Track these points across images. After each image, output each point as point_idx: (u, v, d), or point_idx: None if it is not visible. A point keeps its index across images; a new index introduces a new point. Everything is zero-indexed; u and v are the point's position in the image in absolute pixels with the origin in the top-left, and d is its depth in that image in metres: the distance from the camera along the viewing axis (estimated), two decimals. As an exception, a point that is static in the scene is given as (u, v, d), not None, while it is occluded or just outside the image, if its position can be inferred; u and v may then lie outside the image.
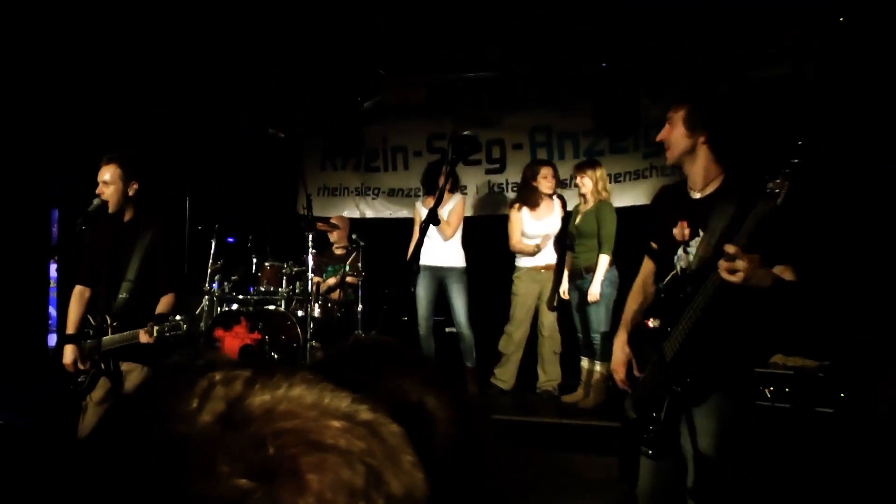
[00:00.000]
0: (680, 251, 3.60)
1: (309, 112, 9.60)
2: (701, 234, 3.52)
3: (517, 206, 7.84)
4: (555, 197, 7.72)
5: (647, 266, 3.94)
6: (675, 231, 3.62)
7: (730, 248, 3.14)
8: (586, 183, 7.33)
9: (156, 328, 4.71)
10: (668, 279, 3.63)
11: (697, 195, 3.62)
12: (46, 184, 7.79)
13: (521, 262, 7.93)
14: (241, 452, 0.63)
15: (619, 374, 3.77)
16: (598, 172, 7.36)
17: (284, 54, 8.01)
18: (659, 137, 3.70)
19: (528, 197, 7.72)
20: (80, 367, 4.92)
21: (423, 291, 8.04)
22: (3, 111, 7.18)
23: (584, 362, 7.45)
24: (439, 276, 8.05)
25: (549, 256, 7.84)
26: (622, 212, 7.63)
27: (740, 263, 3.11)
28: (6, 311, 6.05)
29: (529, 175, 7.76)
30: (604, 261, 7.16)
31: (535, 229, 7.75)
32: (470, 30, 7.64)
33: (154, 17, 6.87)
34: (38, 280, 5.03)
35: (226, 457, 0.63)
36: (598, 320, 7.18)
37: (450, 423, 1.12)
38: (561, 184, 8.32)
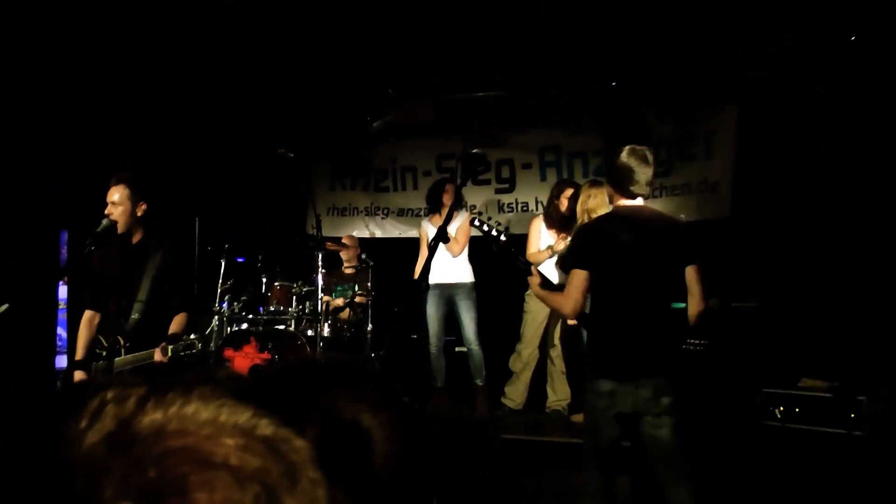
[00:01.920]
0: None
1: (318, 132, 9.62)
2: None
3: (540, 216, 7.79)
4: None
5: None
6: None
7: None
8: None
9: (170, 348, 4.69)
10: None
11: None
12: (48, 192, 7.79)
13: None
14: (126, 475, 0.62)
15: None
16: (589, 192, 7.30)
17: (293, 73, 8.03)
18: None
19: (550, 213, 7.68)
20: None
21: (433, 310, 8.01)
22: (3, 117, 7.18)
23: None
24: (449, 294, 8.02)
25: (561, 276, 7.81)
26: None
27: None
28: (13, 332, 6.05)
29: (555, 193, 7.73)
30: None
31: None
32: (478, 49, 7.65)
33: (157, 19, 6.89)
34: (47, 301, 5.04)
35: (111, 480, 0.61)
36: None
37: (388, 439, 1.10)
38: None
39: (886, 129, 6.40)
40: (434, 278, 7.81)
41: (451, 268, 7.97)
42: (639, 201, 4.22)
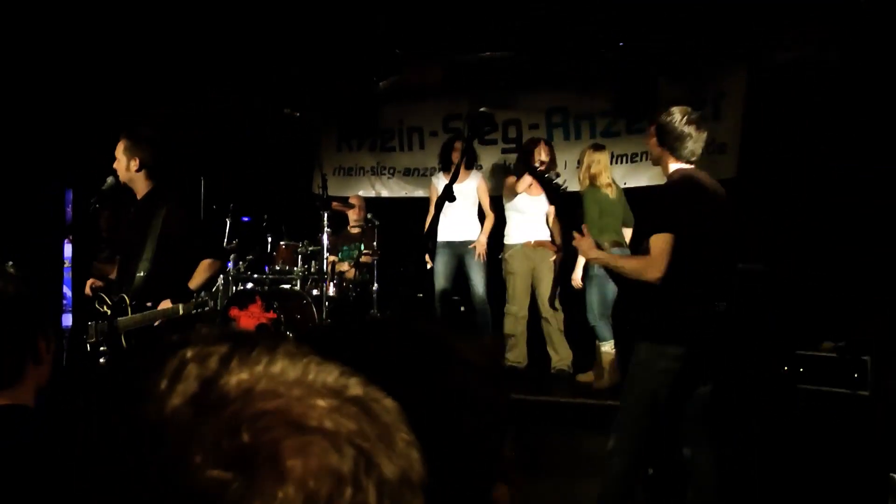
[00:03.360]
0: None
1: (325, 92, 9.57)
2: None
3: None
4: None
5: None
6: None
7: None
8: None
9: (182, 306, 4.69)
10: None
11: None
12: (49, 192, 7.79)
13: (512, 239, 7.90)
14: (215, 439, 0.57)
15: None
16: (593, 157, 7.25)
17: (300, 34, 7.97)
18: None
19: (522, 162, 7.65)
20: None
21: (441, 267, 8.01)
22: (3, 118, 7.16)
23: (601, 345, 7.35)
24: (458, 252, 8.03)
25: (539, 233, 7.81)
26: (638, 192, 7.61)
27: None
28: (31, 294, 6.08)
29: (530, 147, 7.70)
30: None
31: (526, 204, 7.74)
32: (487, 9, 7.58)
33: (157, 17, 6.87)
34: (53, 260, 5.02)
35: (199, 445, 0.57)
36: (606, 303, 7.08)
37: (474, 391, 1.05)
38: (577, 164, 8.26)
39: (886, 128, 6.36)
40: (444, 236, 7.82)
41: (461, 225, 7.98)
42: (693, 166, 4.24)
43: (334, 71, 8.99)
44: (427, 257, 7.88)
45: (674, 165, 4.21)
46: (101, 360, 4.87)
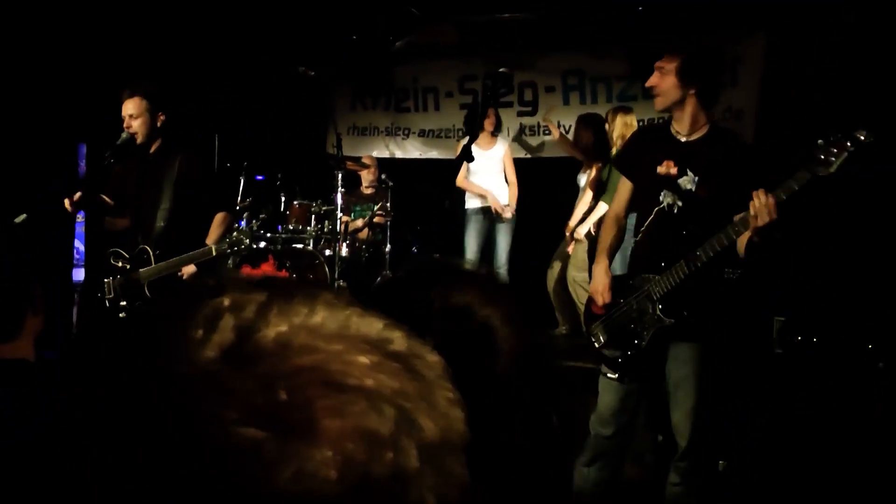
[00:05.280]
0: (665, 189, 3.79)
1: (340, 51, 9.53)
2: (689, 174, 3.73)
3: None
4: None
5: (624, 198, 4.10)
6: (661, 169, 3.80)
7: (767, 197, 3.32)
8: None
9: (214, 246, 4.67)
10: (654, 215, 3.82)
11: (684, 139, 3.80)
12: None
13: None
14: (250, 396, 0.54)
15: (606, 297, 3.90)
16: (626, 119, 7.20)
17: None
18: (648, 83, 3.87)
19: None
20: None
21: (474, 236, 8.00)
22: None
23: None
24: (490, 217, 8.01)
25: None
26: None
27: (772, 213, 3.32)
28: (32, 246, 6.09)
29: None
30: (602, 207, 6.99)
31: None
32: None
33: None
34: (64, 214, 5.04)
35: (233, 400, 0.54)
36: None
37: (513, 352, 1.06)
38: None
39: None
40: (476, 202, 7.85)
41: (496, 190, 7.98)
42: None
43: (350, 29, 8.94)
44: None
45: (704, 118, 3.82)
46: (122, 316, 4.86)
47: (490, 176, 8.02)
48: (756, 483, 4.82)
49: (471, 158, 3.75)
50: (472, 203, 7.99)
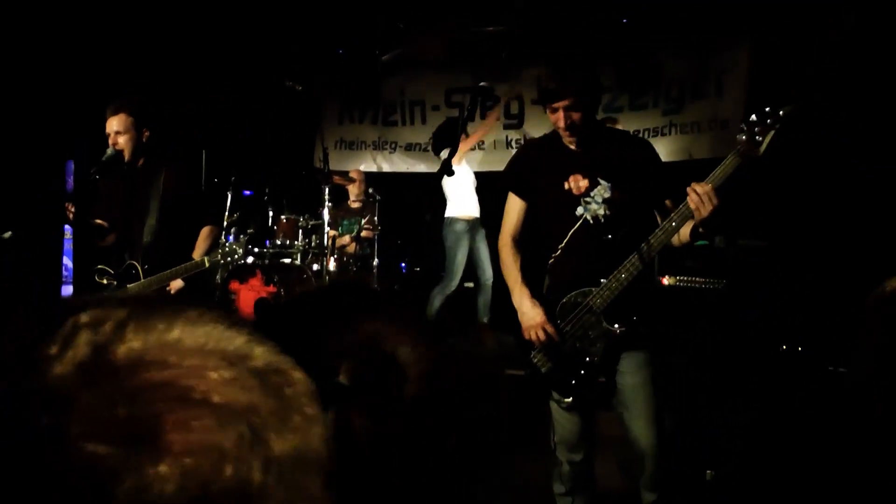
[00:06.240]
0: (582, 202, 3.71)
1: (327, 65, 9.55)
2: (601, 182, 3.68)
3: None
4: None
5: (518, 219, 3.99)
6: (570, 184, 3.73)
7: (704, 187, 3.34)
8: None
9: (207, 259, 4.65)
10: (575, 229, 3.72)
11: (581, 148, 3.74)
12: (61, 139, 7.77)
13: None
14: (96, 411, 0.55)
15: (549, 328, 3.75)
16: None
17: (303, 6, 7.94)
18: (561, 128, 3.71)
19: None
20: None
21: (463, 249, 8.03)
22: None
23: None
24: (472, 229, 8.07)
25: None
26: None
27: (712, 200, 3.33)
28: (19, 262, 6.07)
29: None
30: None
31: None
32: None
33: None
34: (53, 231, 5.01)
35: (78, 416, 0.54)
36: None
37: (420, 376, 1.06)
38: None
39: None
40: (462, 212, 7.90)
41: (473, 201, 8.12)
42: None
43: (337, 42, 8.96)
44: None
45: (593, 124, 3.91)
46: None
47: (469, 188, 8.16)
48: (743, 492, 4.83)
49: (451, 172, 3.74)
50: (452, 213, 8.04)
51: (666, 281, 5.87)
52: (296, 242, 7.95)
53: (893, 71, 6.52)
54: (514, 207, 3.98)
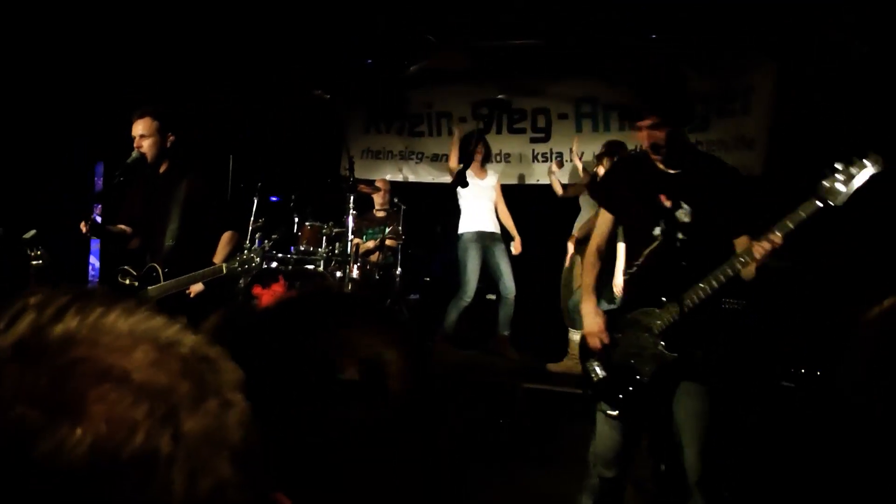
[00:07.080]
0: (661, 222, 3.73)
1: (355, 75, 9.60)
2: (683, 206, 3.70)
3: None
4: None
5: (606, 231, 4.06)
6: (652, 203, 3.77)
7: (776, 238, 3.39)
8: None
9: (225, 265, 4.70)
10: (651, 248, 3.76)
11: (671, 170, 3.76)
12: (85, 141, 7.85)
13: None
14: (27, 380, 0.62)
15: (604, 338, 3.82)
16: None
17: (331, 16, 7.99)
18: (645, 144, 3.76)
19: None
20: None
21: (475, 262, 8.05)
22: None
23: (573, 334, 7.30)
24: (486, 243, 8.08)
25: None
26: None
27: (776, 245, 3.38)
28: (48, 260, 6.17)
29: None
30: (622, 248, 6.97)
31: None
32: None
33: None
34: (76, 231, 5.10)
35: (10, 383, 0.62)
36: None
37: (404, 380, 1.09)
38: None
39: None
40: (472, 227, 7.93)
41: (490, 217, 8.08)
42: None
43: (364, 53, 9.02)
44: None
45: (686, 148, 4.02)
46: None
47: (485, 203, 8.20)
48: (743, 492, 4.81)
49: (465, 184, 3.78)
50: (463, 225, 8.08)
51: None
52: (319, 249, 8.01)
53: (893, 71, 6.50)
54: (604, 220, 4.06)
